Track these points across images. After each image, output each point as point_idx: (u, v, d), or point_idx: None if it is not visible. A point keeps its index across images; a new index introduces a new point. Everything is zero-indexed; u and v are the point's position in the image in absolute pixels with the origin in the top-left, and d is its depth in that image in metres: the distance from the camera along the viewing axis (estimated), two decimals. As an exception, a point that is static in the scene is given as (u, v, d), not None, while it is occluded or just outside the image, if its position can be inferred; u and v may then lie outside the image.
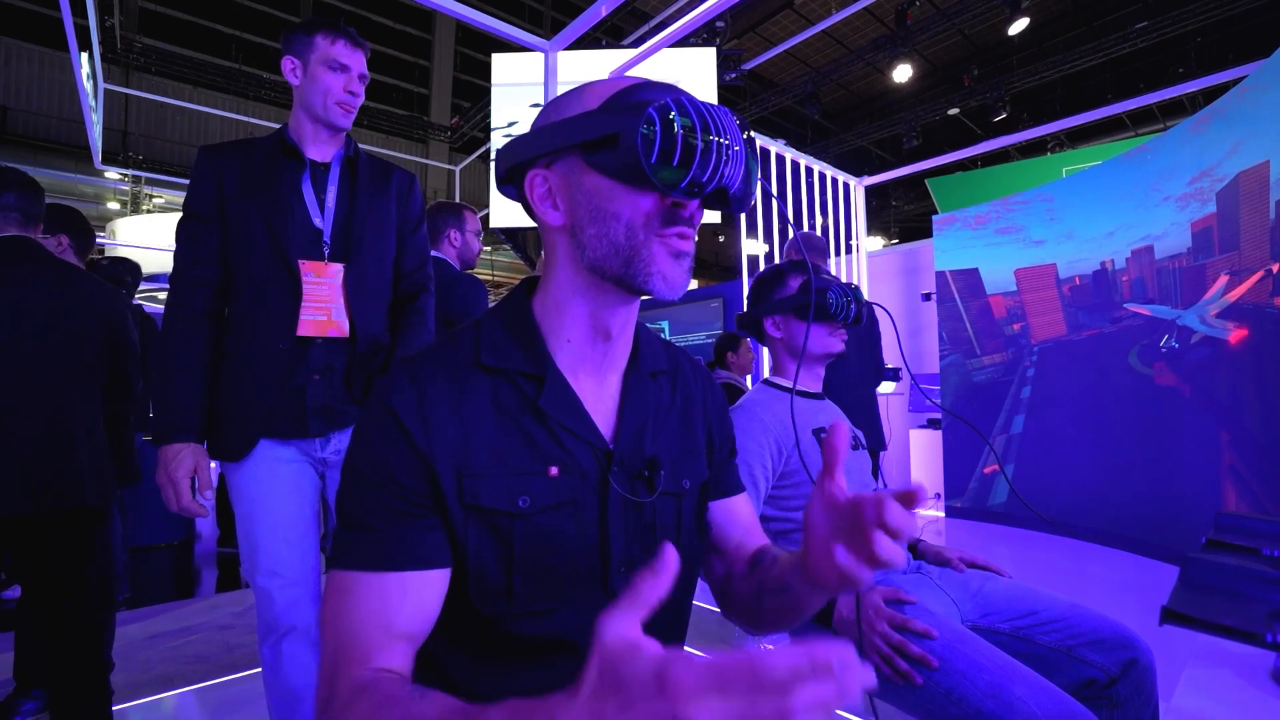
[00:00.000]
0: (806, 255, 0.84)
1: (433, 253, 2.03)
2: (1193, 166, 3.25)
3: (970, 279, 4.59)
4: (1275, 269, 2.75)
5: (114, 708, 1.99)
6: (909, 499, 0.47)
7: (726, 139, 0.57)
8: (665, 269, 0.60)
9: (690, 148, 0.55)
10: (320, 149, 1.40)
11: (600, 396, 0.66)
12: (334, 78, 1.36)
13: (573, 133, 0.59)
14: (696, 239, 0.64)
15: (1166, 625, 0.67)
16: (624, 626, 0.33)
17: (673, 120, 0.55)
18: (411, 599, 0.56)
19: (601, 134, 0.57)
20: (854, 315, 1.32)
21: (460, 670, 0.62)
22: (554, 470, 0.61)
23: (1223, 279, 3.06)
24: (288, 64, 1.38)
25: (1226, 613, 0.59)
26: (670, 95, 0.57)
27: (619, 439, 0.64)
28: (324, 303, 1.33)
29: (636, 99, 0.56)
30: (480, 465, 0.59)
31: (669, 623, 0.70)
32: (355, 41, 1.39)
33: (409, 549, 0.57)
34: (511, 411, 0.62)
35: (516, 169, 0.65)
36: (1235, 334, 2.99)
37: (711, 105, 0.58)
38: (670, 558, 0.36)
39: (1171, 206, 3.39)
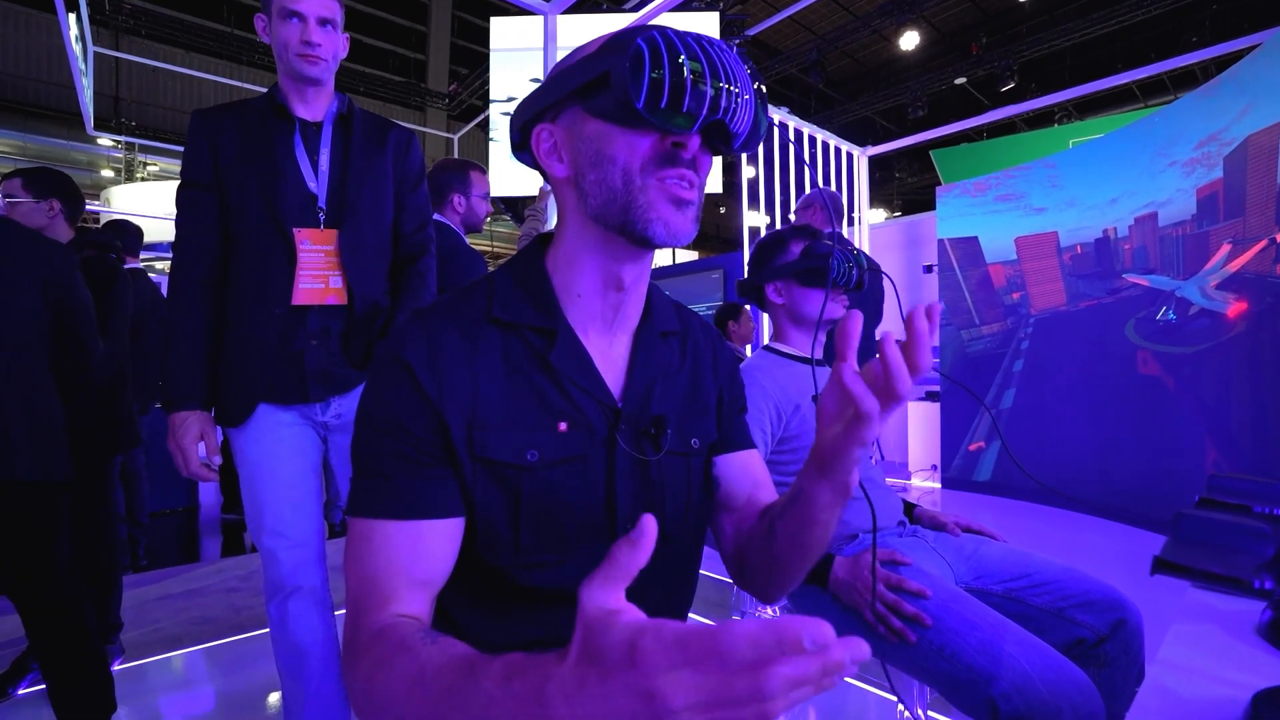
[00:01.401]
0: (830, 208, 0.82)
1: (435, 217, 1.97)
2: (1200, 130, 3.20)
3: (970, 247, 4.57)
4: (1279, 237, 2.73)
5: (125, 665, 2.05)
6: (928, 313, 0.50)
7: (727, 81, 0.56)
8: (665, 214, 0.58)
9: (680, 78, 0.54)
10: (307, 108, 1.36)
11: (610, 355, 0.66)
12: (289, 28, 1.30)
13: (571, 79, 0.59)
14: (702, 202, 0.63)
15: (1157, 578, 0.68)
16: (602, 595, 0.33)
17: (661, 51, 0.54)
18: (426, 546, 0.57)
19: (594, 75, 0.57)
20: (856, 280, 1.32)
21: (468, 619, 0.64)
22: (563, 425, 0.62)
23: (1225, 248, 3.05)
24: (259, 22, 1.34)
25: (1216, 563, 0.61)
26: (664, 29, 0.56)
27: (627, 397, 0.65)
28: (320, 270, 1.32)
29: (627, 37, 0.56)
30: (490, 418, 0.60)
31: (675, 585, 0.71)
32: None
33: (422, 498, 0.58)
34: (522, 366, 0.62)
35: (526, 129, 0.65)
36: (1234, 308, 2.98)
37: (709, 39, 0.57)
38: (649, 528, 0.34)
39: (1177, 172, 3.36)
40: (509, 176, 6.18)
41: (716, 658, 0.27)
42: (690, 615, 0.78)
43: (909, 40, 9.34)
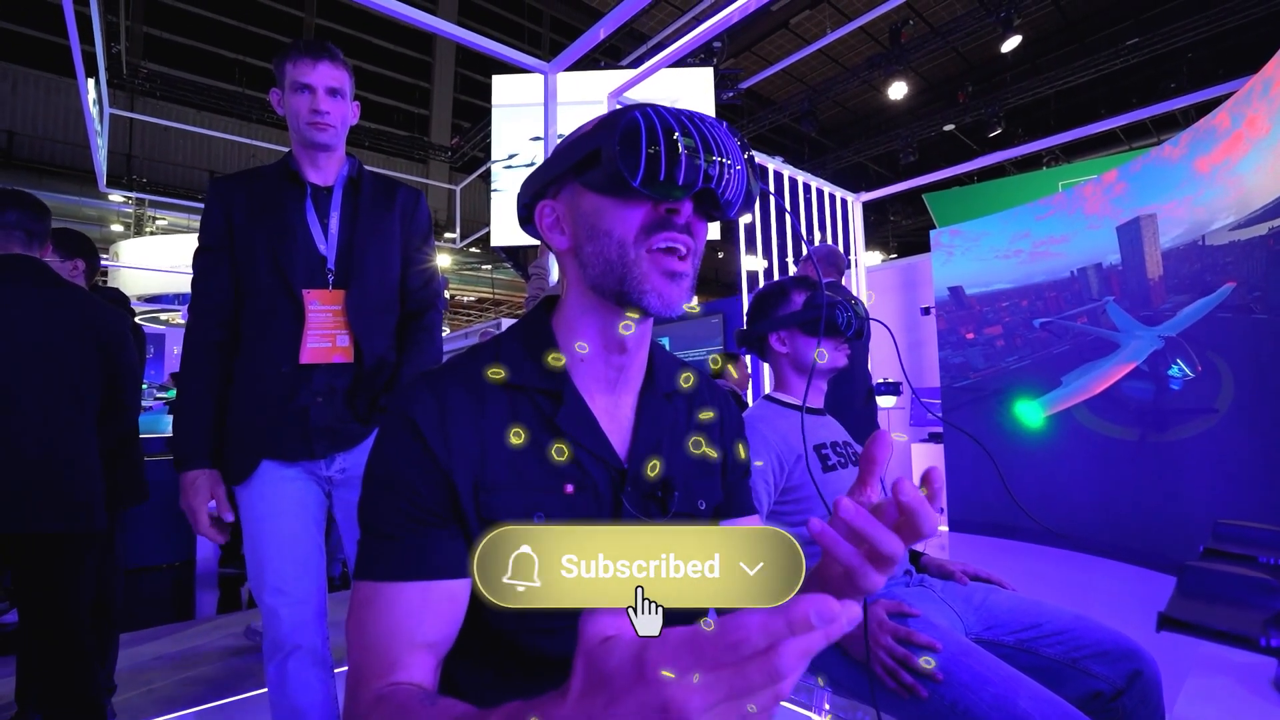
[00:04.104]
0: (819, 268, 0.85)
1: None
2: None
3: (969, 291, 4.61)
4: None
5: (117, 731, 1.99)
6: (925, 482, 0.49)
7: (719, 154, 0.59)
8: (660, 287, 0.61)
9: (666, 148, 0.57)
10: (319, 173, 1.41)
11: (615, 416, 0.68)
12: (300, 99, 1.36)
13: (568, 157, 0.62)
14: (700, 262, 0.65)
15: (1165, 633, 0.68)
16: (604, 623, 0.33)
17: (656, 125, 0.57)
18: (433, 608, 0.57)
19: (587, 151, 0.60)
20: (856, 330, 1.34)
21: (472, 686, 0.63)
22: (569, 488, 0.62)
23: (1230, 284, 3.07)
24: (274, 96, 1.41)
25: (1223, 619, 0.60)
26: (650, 106, 0.59)
27: (633, 458, 0.65)
28: (328, 329, 1.34)
29: (619, 113, 0.59)
30: (497, 479, 0.61)
31: None
32: (315, 55, 1.34)
33: (430, 559, 0.58)
34: (529, 427, 0.63)
35: (530, 205, 0.68)
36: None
37: (694, 113, 0.60)
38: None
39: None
40: (511, 227, 6.29)
41: (729, 650, 0.28)
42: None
43: (897, 90, 9.64)
